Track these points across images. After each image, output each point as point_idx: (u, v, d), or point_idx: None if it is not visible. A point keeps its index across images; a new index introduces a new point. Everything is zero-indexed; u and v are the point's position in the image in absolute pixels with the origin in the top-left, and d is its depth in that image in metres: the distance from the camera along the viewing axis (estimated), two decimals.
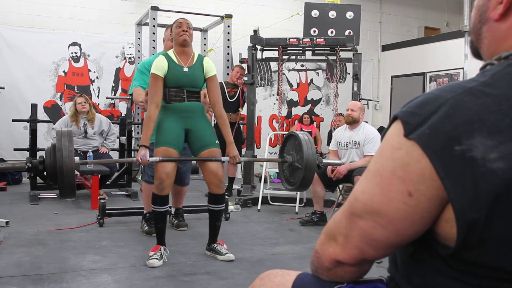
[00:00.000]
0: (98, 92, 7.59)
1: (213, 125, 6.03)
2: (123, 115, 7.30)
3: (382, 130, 8.61)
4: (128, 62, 7.70)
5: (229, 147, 3.25)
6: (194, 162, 4.13)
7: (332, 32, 6.04)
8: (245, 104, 5.90)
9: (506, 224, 0.69)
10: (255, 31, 5.74)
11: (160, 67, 3.13)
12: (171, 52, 3.21)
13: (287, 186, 3.44)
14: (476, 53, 0.89)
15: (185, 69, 3.16)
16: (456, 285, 0.79)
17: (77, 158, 2.69)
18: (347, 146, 4.47)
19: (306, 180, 3.22)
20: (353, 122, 4.45)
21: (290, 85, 8.94)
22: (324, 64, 6.73)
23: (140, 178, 5.71)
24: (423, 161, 0.72)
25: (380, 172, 0.78)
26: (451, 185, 0.70)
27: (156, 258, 3.07)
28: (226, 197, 4.83)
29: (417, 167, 0.73)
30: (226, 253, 3.24)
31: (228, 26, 6.43)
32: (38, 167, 2.66)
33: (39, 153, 5.58)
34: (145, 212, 3.97)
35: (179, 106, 3.19)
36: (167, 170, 3.12)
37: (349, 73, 5.95)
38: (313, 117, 8.65)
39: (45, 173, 2.67)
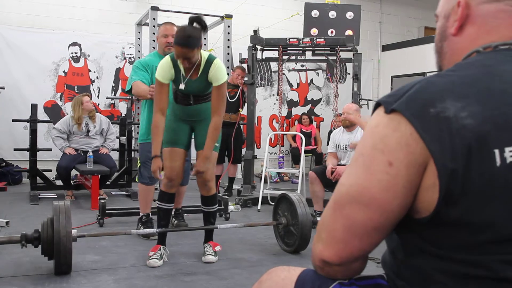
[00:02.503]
0: (98, 92, 7.58)
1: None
2: (123, 115, 7.29)
3: None
4: (128, 62, 7.69)
5: (200, 160, 3.07)
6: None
7: (332, 32, 6.04)
8: (245, 104, 5.90)
9: (481, 176, 0.78)
10: (255, 31, 5.74)
11: (165, 75, 3.02)
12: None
13: (283, 246, 3.54)
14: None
15: (181, 86, 3.04)
16: (442, 266, 0.83)
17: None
18: (346, 149, 4.49)
19: (301, 247, 3.40)
20: (350, 125, 4.48)
21: (290, 85, 8.94)
22: (324, 64, 6.74)
23: (136, 179, 5.70)
24: (400, 128, 0.81)
25: (362, 152, 0.86)
26: (431, 140, 0.79)
27: (156, 258, 3.07)
28: (226, 197, 4.84)
29: (394, 136, 0.81)
30: (208, 255, 3.20)
31: (228, 26, 6.42)
32: (33, 242, 2.80)
33: (39, 154, 5.60)
34: (141, 214, 3.94)
35: (185, 109, 3.17)
36: (177, 170, 3.18)
37: (349, 73, 5.94)
38: (313, 117, 8.64)
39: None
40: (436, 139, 0.78)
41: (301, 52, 5.94)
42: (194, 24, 2.91)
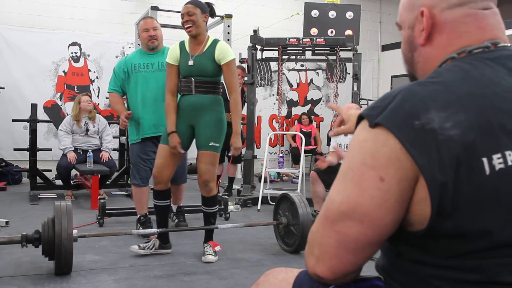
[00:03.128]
0: (98, 92, 7.58)
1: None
2: None
3: None
4: None
5: (233, 137, 3.21)
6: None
7: (332, 32, 6.04)
8: (245, 104, 5.90)
9: (472, 186, 0.77)
10: (255, 31, 5.74)
11: (172, 55, 3.16)
12: (187, 40, 3.19)
13: (283, 246, 3.54)
14: (414, 80, 0.99)
15: (190, 62, 3.10)
16: (437, 272, 0.82)
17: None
18: (347, 148, 4.49)
19: (301, 246, 3.38)
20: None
21: (290, 85, 8.94)
22: (324, 64, 6.74)
23: (129, 181, 5.68)
24: (389, 143, 0.79)
25: (351, 167, 0.84)
26: (418, 154, 0.77)
27: (138, 245, 3.20)
28: (226, 197, 4.84)
29: (384, 151, 0.80)
30: (207, 254, 3.20)
31: (228, 26, 6.41)
32: (33, 243, 2.81)
33: (39, 153, 5.60)
34: (138, 215, 3.94)
35: (186, 101, 3.13)
36: (160, 168, 3.18)
37: (349, 73, 5.95)
38: (312, 117, 8.64)
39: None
40: (423, 153, 0.77)
41: (301, 52, 5.94)
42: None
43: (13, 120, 6.13)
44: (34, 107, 5.56)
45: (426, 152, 0.77)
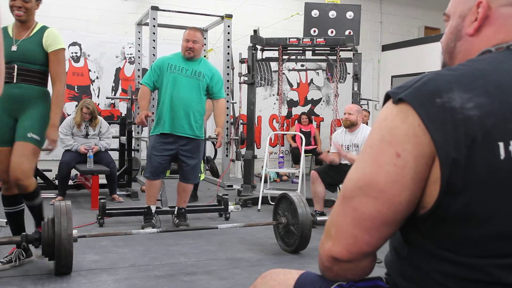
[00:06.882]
0: (98, 92, 7.58)
1: (207, 136, 5.76)
2: (123, 115, 7.29)
3: None
4: (128, 62, 7.69)
5: (49, 128, 2.85)
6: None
7: (332, 32, 6.04)
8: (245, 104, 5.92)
9: (484, 168, 0.77)
10: (255, 31, 5.74)
11: None
12: (10, 25, 2.96)
13: (283, 246, 3.55)
14: None
15: (14, 48, 2.83)
16: (443, 267, 0.82)
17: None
18: (348, 149, 4.50)
19: (301, 246, 3.40)
20: (351, 126, 4.48)
21: (290, 85, 8.93)
22: (324, 64, 6.75)
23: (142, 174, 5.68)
24: (408, 119, 0.80)
25: (370, 145, 0.86)
26: (435, 130, 0.78)
27: (1, 261, 2.90)
28: (225, 197, 4.83)
29: (402, 128, 0.81)
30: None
31: (228, 26, 6.42)
32: (33, 243, 2.80)
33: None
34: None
35: (7, 91, 2.70)
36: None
37: (349, 73, 5.96)
38: (313, 117, 8.64)
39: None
40: (440, 128, 0.78)
41: (301, 52, 5.94)
42: None
43: None
44: None
45: (442, 128, 0.78)
